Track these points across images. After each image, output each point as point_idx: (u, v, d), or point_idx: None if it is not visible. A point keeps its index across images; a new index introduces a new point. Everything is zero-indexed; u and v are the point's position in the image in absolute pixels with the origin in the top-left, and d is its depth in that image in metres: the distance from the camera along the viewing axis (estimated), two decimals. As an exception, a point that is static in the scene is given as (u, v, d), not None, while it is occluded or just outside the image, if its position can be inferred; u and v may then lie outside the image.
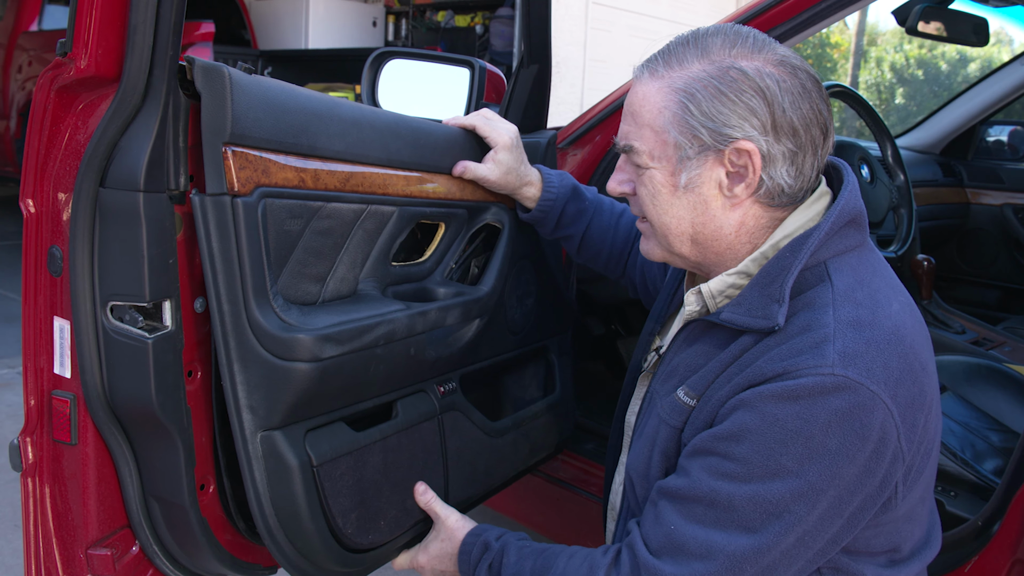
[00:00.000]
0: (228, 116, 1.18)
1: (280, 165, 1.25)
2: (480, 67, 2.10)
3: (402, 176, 1.47)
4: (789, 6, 1.92)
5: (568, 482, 2.21)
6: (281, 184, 1.26)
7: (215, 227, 1.19)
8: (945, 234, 3.65)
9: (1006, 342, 2.88)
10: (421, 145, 1.52)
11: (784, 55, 1.16)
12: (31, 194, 1.21)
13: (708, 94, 1.13)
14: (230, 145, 1.19)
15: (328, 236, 1.36)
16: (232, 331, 1.23)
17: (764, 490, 1.08)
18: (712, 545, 1.11)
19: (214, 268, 1.20)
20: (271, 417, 1.28)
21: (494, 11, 8.17)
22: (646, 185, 1.23)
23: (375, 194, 1.42)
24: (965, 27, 2.71)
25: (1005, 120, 3.83)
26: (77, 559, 1.28)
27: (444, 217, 1.60)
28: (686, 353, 1.27)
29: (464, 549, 1.40)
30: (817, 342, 1.09)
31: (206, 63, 1.17)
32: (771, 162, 1.15)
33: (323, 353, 1.30)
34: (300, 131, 1.28)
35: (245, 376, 1.25)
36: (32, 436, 1.27)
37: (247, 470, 1.28)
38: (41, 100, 1.19)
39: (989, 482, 1.87)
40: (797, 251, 1.16)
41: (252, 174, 1.21)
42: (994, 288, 3.67)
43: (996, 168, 3.68)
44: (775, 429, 1.07)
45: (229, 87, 1.18)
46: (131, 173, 1.15)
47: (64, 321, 1.22)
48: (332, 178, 1.34)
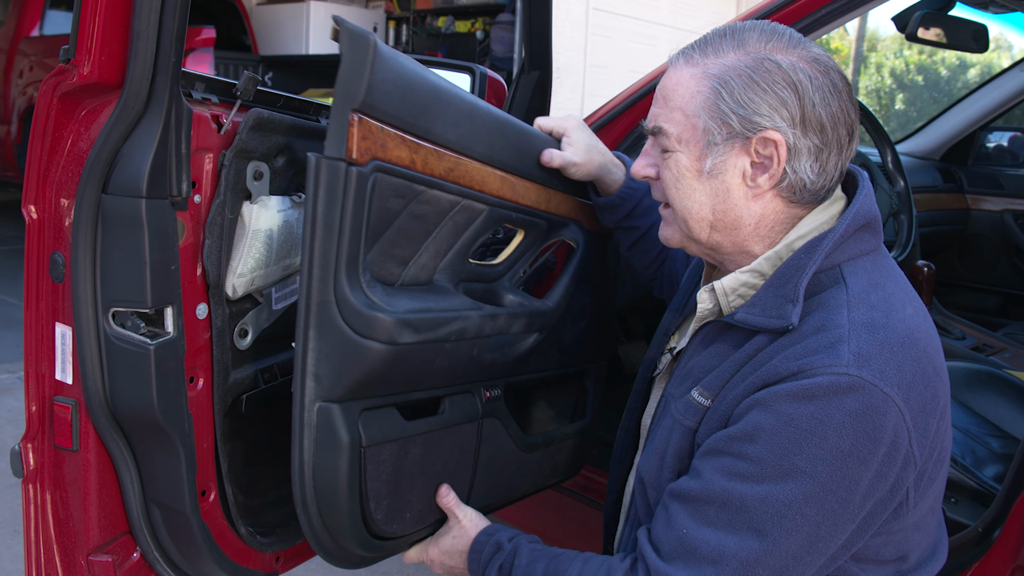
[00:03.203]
0: (364, 84, 1.17)
1: (397, 142, 1.25)
2: (481, 73, 2.11)
3: (499, 176, 1.47)
4: (791, 11, 1.93)
5: (568, 488, 2.21)
6: (394, 161, 1.25)
7: (324, 190, 1.17)
8: (945, 240, 3.65)
9: (1006, 348, 2.88)
10: (521, 149, 1.52)
11: (818, 54, 1.18)
12: (33, 200, 1.21)
13: (741, 82, 1.15)
14: (358, 112, 1.18)
15: (422, 221, 1.35)
16: (316, 297, 1.21)
17: (776, 491, 1.08)
18: (724, 549, 1.10)
19: (314, 231, 1.18)
20: (334, 390, 1.26)
21: (494, 17, 8.19)
22: (671, 168, 1.24)
23: (472, 189, 1.41)
24: (965, 33, 2.72)
25: (1005, 126, 3.84)
26: (78, 565, 1.28)
27: (527, 225, 1.60)
28: (702, 355, 1.28)
29: (475, 547, 1.40)
30: (832, 342, 1.09)
31: (355, 27, 1.15)
32: (796, 155, 1.16)
33: (400, 338, 1.30)
34: (421, 113, 1.28)
35: (319, 344, 1.23)
36: (33, 442, 1.27)
37: (297, 436, 1.26)
38: (44, 106, 1.19)
39: (990, 488, 1.87)
40: (812, 252, 1.17)
41: (371, 146, 1.20)
42: (994, 294, 3.68)
43: (996, 174, 3.68)
44: (789, 429, 1.07)
45: (372, 56, 1.17)
46: (133, 179, 1.16)
47: (66, 327, 1.22)
48: (439, 165, 1.33)
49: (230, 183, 1.29)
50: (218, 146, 1.27)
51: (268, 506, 1.57)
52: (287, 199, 1.38)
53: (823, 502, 1.08)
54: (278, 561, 1.53)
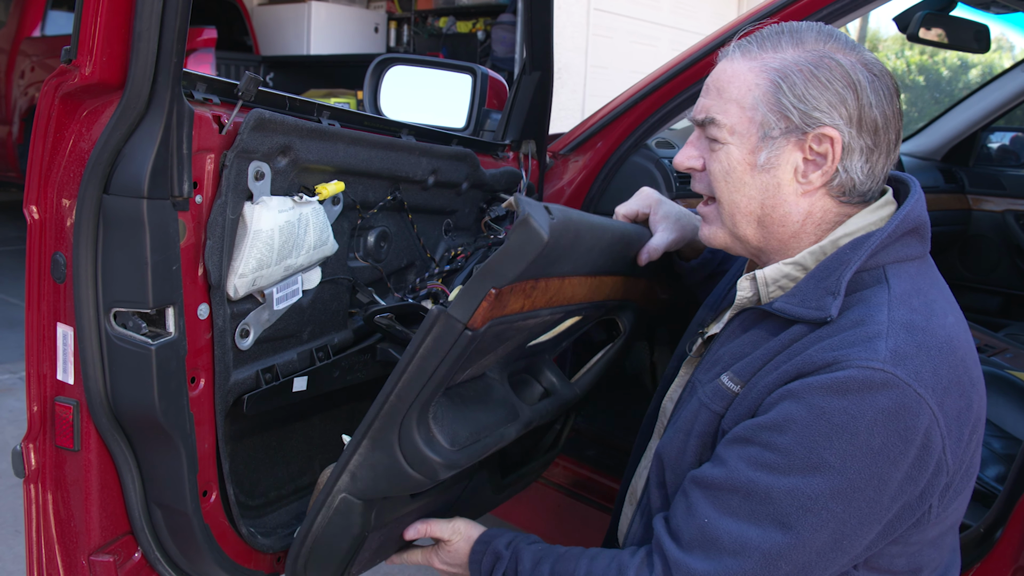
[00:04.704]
0: (516, 273, 1.18)
1: (519, 295, 1.25)
2: (482, 73, 2.11)
3: (588, 282, 1.45)
4: (794, 11, 1.93)
5: (568, 487, 2.21)
6: (509, 312, 1.26)
7: (433, 340, 1.20)
8: (946, 240, 3.65)
9: (1007, 348, 2.87)
10: (616, 254, 1.50)
11: (872, 60, 1.18)
12: (35, 200, 1.21)
13: (803, 77, 1.16)
14: (497, 289, 1.19)
15: (501, 340, 1.36)
16: (385, 417, 1.26)
17: (803, 484, 1.07)
18: (746, 540, 1.09)
19: (406, 368, 1.23)
20: (364, 492, 1.32)
21: (495, 17, 8.19)
22: (720, 161, 1.23)
23: (562, 305, 1.41)
24: (966, 34, 2.71)
25: (1006, 126, 3.84)
26: (79, 565, 1.28)
27: (590, 312, 1.59)
28: (735, 343, 1.27)
29: (473, 559, 1.38)
30: (869, 336, 1.09)
31: (535, 220, 1.13)
32: (849, 154, 1.17)
33: (441, 475, 1.33)
34: (552, 263, 1.28)
35: (368, 454, 1.29)
36: (35, 442, 1.27)
37: (315, 508, 1.33)
38: (45, 107, 1.19)
39: (991, 489, 1.87)
40: (857, 248, 1.17)
41: (495, 311, 1.21)
42: (995, 294, 3.67)
43: (997, 174, 3.68)
44: (821, 422, 1.06)
45: (537, 254, 1.16)
46: (135, 180, 1.16)
47: (67, 327, 1.22)
48: (544, 297, 1.33)
49: (231, 183, 1.28)
50: (219, 147, 1.27)
51: (269, 506, 1.58)
52: (288, 199, 1.38)
53: (850, 499, 1.07)
54: (279, 561, 1.53)
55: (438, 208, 1.80)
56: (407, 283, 1.77)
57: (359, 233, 1.62)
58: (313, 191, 1.43)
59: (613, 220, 1.55)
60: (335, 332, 1.60)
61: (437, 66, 2.28)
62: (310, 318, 1.52)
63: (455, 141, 1.80)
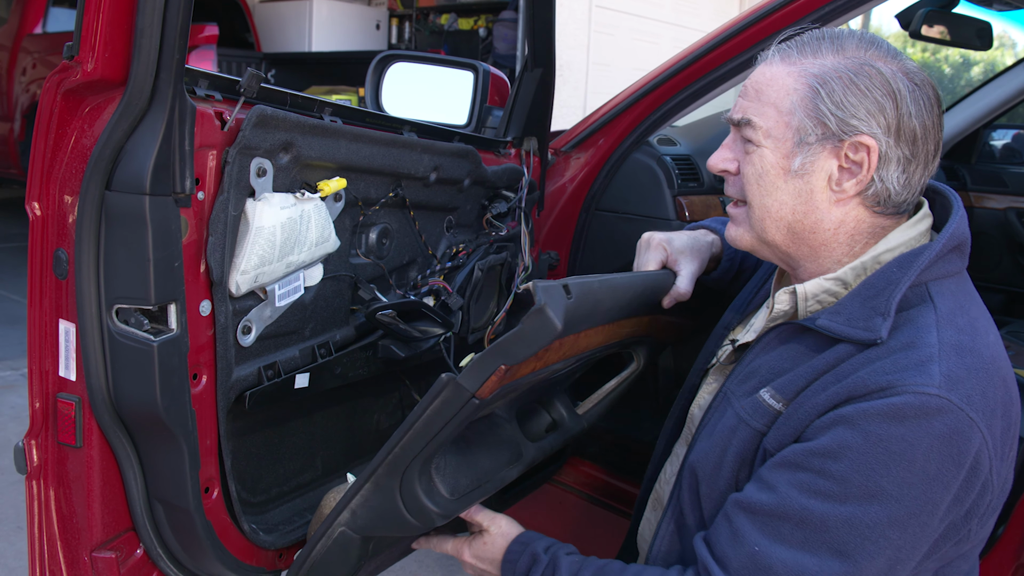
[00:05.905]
0: (526, 354, 1.18)
1: (531, 360, 1.25)
2: (484, 70, 2.11)
3: (606, 329, 1.44)
4: (794, 9, 1.92)
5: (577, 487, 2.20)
6: (518, 377, 1.27)
7: (440, 404, 1.22)
8: (948, 238, 3.64)
9: (1009, 346, 2.87)
10: (637, 303, 1.49)
11: (913, 69, 1.17)
12: (37, 197, 1.21)
13: (842, 84, 1.14)
14: (508, 368, 1.19)
15: (507, 392, 1.35)
16: (389, 465, 1.28)
17: (861, 512, 1.05)
18: (803, 569, 1.07)
19: (412, 425, 1.24)
20: (363, 529, 1.34)
21: (497, 14, 8.17)
22: (754, 164, 1.22)
23: (576, 355, 1.41)
24: (968, 31, 2.71)
25: (1009, 124, 3.83)
26: (81, 562, 1.28)
27: (606, 351, 1.58)
28: (771, 355, 1.25)
29: (509, 557, 1.36)
30: (923, 360, 1.07)
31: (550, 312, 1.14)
32: (886, 164, 1.15)
33: (438, 523, 1.36)
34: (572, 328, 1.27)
35: (370, 496, 1.31)
36: (37, 439, 1.27)
37: (315, 537, 1.35)
38: (48, 103, 1.19)
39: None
40: (906, 267, 1.15)
41: (504, 381, 1.22)
42: (997, 292, 3.66)
43: (999, 172, 3.67)
44: (878, 449, 1.05)
45: (549, 342, 1.18)
46: (137, 176, 1.16)
47: (69, 324, 1.22)
48: (557, 354, 1.33)
49: (233, 180, 1.28)
50: (221, 143, 1.27)
51: (271, 503, 1.58)
52: (290, 196, 1.38)
53: (906, 527, 1.06)
54: (281, 558, 1.54)
55: (440, 205, 1.80)
56: (409, 280, 1.77)
57: (361, 230, 1.62)
58: (315, 188, 1.43)
59: (635, 273, 1.54)
60: (337, 329, 1.60)
61: (439, 63, 2.28)
62: (312, 315, 1.52)
63: (457, 138, 1.80)
